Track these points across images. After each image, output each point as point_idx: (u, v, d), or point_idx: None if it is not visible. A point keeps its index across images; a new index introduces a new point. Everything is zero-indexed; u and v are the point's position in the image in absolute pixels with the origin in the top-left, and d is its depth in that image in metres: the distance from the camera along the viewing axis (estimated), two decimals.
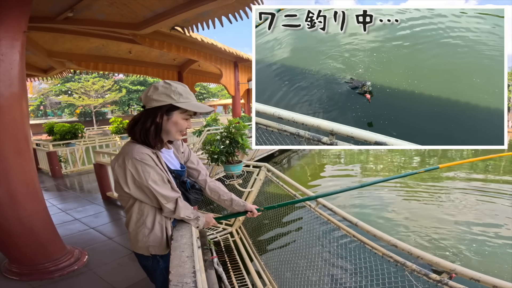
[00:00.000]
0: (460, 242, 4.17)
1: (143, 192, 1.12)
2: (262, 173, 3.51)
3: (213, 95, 40.56)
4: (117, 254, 2.77)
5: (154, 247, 1.20)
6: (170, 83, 1.13)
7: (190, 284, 0.71)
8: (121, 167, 1.10)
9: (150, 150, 1.13)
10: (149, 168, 1.10)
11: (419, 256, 1.45)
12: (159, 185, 1.13)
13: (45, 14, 3.51)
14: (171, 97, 1.12)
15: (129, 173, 1.09)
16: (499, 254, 3.86)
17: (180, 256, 0.88)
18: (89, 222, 3.66)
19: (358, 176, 8.47)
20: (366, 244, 1.79)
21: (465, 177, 7.54)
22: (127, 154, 1.10)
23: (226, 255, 2.99)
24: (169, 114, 1.15)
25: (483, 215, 5.04)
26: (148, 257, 1.23)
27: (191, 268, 0.79)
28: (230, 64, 8.76)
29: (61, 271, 2.38)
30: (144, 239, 1.18)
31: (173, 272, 0.78)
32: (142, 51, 6.91)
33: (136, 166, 1.09)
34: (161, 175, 1.14)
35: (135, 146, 1.12)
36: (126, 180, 1.10)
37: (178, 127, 1.18)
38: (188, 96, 1.16)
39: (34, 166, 2.39)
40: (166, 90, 1.12)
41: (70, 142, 7.60)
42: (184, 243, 1.00)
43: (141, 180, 1.09)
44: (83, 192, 5.40)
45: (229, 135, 3.23)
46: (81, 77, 27.35)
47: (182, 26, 4.08)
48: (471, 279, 1.25)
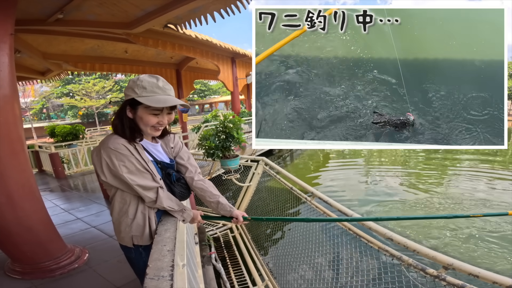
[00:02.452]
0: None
1: (121, 181, 1.12)
2: (260, 167, 3.50)
3: (214, 92, 40.50)
4: (116, 252, 2.78)
5: (137, 237, 1.19)
6: (140, 77, 1.11)
7: (166, 277, 0.70)
8: (98, 156, 1.11)
9: (126, 140, 1.13)
10: (123, 157, 1.10)
11: (415, 250, 1.40)
12: (135, 174, 1.12)
13: (35, 17, 3.50)
14: (134, 91, 1.10)
15: (104, 162, 1.10)
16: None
17: (161, 250, 0.87)
18: (91, 221, 3.70)
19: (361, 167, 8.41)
20: (362, 238, 1.76)
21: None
22: (103, 144, 1.12)
23: (226, 251, 3.00)
24: (134, 108, 1.14)
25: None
26: (131, 248, 1.22)
27: (170, 262, 0.78)
28: (227, 60, 8.72)
29: (62, 269, 2.42)
30: (127, 229, 1.17)
31: (151, 265, 0.77)
32: (138, 50, 6.89)
33: (110, 155, 1.09)
34: (135, 165, 1.13)
35: (112, 137, 1.13)
36: (102, 169, 1.11)
37: (144, 122, 1.15)
38: (154, 90, 1.11)
39: (30, 166, 2.41)
40: (132, 84, 1.11)
41: (72, 143, 7.68)
42: (167, 237, 0.99)
43: (115, 169, 1.09)
44: (86, 192, 5.46)
45: (224, 129, 3.21)
46: (81, 78, 27.47)
47: (175, 23, 4.05)
48: (469, 274, 1.20)
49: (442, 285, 1.27)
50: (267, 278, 2.50)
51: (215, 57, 7.97)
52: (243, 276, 2.56)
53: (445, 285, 1.26)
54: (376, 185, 6.84)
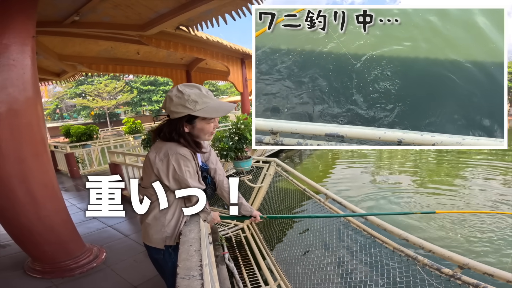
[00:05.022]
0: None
1: (179, 184, 1.18)
2: (272, 168, 3.52)
3: (222, 93, 40.69)
4: (133, 251, 2.86)
5: (169, 238, 1.24)
6: (182, 91, 1.12)
7: (196, 277, 0.74)
8: (163, 161, 1.16)
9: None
10: (188, 162, 1.18)
11: (431, 250, 1.43)
12: (193, 178, 1.20)
13: (52, 19, 3.60)
14: (187, 107, 1.12)
15: (172, 167, 1.15)
16: None
17: (188, 250, 0.91)
18: (107, 220, 3.77)
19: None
20: (377, 238, 1.78)
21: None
22: (170, 149, 1.16)
23: (238, 251, 3.03)
24: (192, 123, 1.18)
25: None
26: (160, 250, 1.27)
27: (198, 262, 0.82)
28: (237, 61, 8.74)
29: (81, 268, 2.46)
30: (162, 230, 1.23)
31: (181, 265, 0.81)
32: (150, 52, 7.00)
33: (179, 161, 1.15)
34: (194, 170, 1.21)
35: (174, 144, 1.18)
36: (168, 173, 1.16)
37: (205, 132, 1.22)
38: (205, 101, 1.14)
39: (52, 167, 2.49)
40: (180, 100, 1.12)
41: (86, 143, 7.83)
42: (192, 237, 1.03)
43: (181, 173, 1.16)
44: None
45: (237, 131, 3.26)
46: (93, 79, 28.02)
47: (187, 25, 4.11)
48: (484, 273, 1.22)
49: (457, 284, 1.29)
50: (279, 278, 2.51)
51: (225, 58, 8.02)
52: (255, 276, 2.58)
53: (460, 284, 1.28)
54: (385, 184, 6.86)
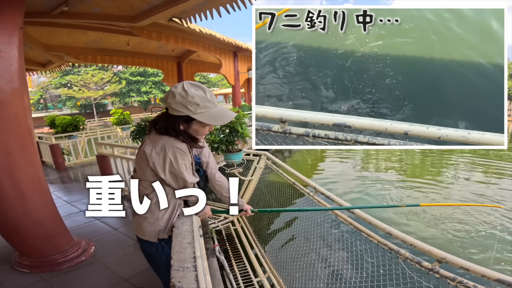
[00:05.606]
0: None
1: (175, 177, 1.20)
2: (262, 162, 3.55)
3: (213, 85, 40.31)
4: (122, 244, 2.84)
5: (162, 231, 1.26)
6: (187, 91, 1.12)
7: (190, 268, 0.77)
8: (160, 155, 1.17)
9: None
10: (185, 156, 1.19)
11: (412, 244, 1.48)
12: (188, 172, 1.22)
13: (40, 9, 3.48)
14: (187, 108, 1.13)
15: (168, 160, 1.16)
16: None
17: (181, 243, 0.93)
18: None
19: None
20: (362, 232, 1.83)
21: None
22: (167, 143, 1.17)
23: (228, 244, 3.07)
24: (188, 123, 1.19)
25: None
26: (153, 243, 1.28)
27: (191, 254, 0.84)
28: (229, 54, 8.69)
29: (70, 262, 2.44)
30: (156, 223, 1.24)
31: (175, 257, 0.83)
32: (140, 43, 6.86)
33: (176, 154, 1.16)
34: (190, 163, 1.23)
35: (171, 138, 1.19)
36: (164, 167, 1.17)
37: (200, 134, 1.25)
38: (207, 105, 1.15)
39: (39, 159, 2.44)
40: (183, 100, 1.12)
41: (72, 134, 7.65)
42: (185, 230, 1.05)
43: (177, 167, 1.17)
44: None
45: (229, 124, 3.25)
46: (80, 69, 27.20)
47: (180, 17, 4.05)
48: (461, 267, 1.27)
49: (436, 277, 1.35)
50: (269, 270, 2.58)
51: (217, 51, 7.95)
52: (245, 268, 2.63)
53: (438, 277, 1.34)
54: (371, 178, 7.10)
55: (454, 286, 1.23)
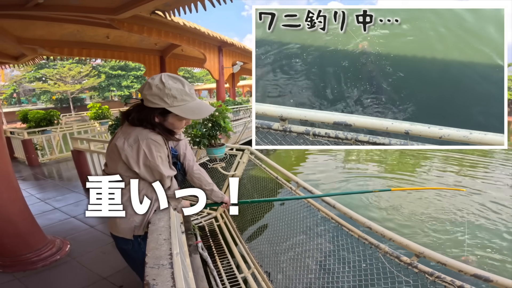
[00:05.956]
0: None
1: (150, 171, 1.14)
2: (246, 156, 3.51)
3: (198, 80, 39.79)
4: (99, 242, 2.75)
5: (138, 227, 1.19)
6: (165, 83, 1.07)
7: (166, 265, 0.73)
8: (133, 147, 1.10)
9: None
10: (160, 148, 1.13)
11: (391, 238, 1.49)
12: (165, 165, 1.16)
13: (13, 1, 3.24)
14: (164, 101, 1.08)
15: (142, 153, 1.10)
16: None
17: (157, 239, 0.89)
18: (70, 211, 3.60)
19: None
20: (343, 226, 1.83)
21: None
22: (141, 134, 1.11)
23: (211, 240, 3.04)
24: (164, 116, 1.14)
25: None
26: (129, 240, 1.22)
27: (167, 251, 0.80)
28: (214, 49, 8.57)
29: (44, 261, 2.37)
30: (130, 219, 1.17)
31: (150, 254, 0.79)
32: (121, 36, 6.59)
33: (150, 146, 1.10)
34: (166, 156, 1.17)
35: (145, 130, 1.13)
36: (138, 160, 1.11)
37: (176, 127, 1.19)
38: (184, 98, 1.10)
39: (7, 153, 2.31)
40: (159, 92, 1.07)
41: (46, 129, 7.33)
42: (161, 226, 1.00)
43: (152, 159, 1.11)
44: (62, 180, 5.27)
45: (211, 118, 3.20)
46: (56, 63, 26.04)
47: (163, 10, 3.88)
48: (438, 262, 1.28)
49: (414, 272, 1.37)
50: (253, 266, 2.56)
51: (202, 45, 7.81)
52: (229, 264, 2.61)
53: (417, 272, 1.35)
54: (352, 170, 7.47)
55: (432, 281, 1.25)
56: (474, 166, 7.74)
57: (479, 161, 8.16)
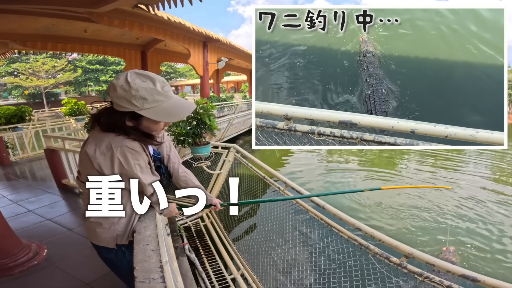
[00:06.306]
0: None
1: (127, 179, 1.03)
2: (231, 155, 3.46)
3: (181, 75, 38.99)
4: (79, 246, 2.61)
5: (120, 236, 1.11)
6: (130, 83, 0.92)
7: (157, 279, 0.67)
8: (106, 155, 0.98)
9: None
10: (138, 155, 1.02)
11: (381, 240, 1.50)
12: (145, 172, 1.06)
13: None
14: (132, 104, 0.93)
15: (117, 161, 0.98)
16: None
17: (145, 250, 0.83)
18: (45, 213, 3.39)
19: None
20: (333, 227, 1.84)
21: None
22: (114, 141, 0.98)
23: (198, 241, 2.97)
24: (137, 119, 1.00)
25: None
26: (112, 249, 1.14)
27: (157, 263, 0.75)
28: (199, 44, 8.39)
29: (21, 266, 2.25)
30: (111, 228, 1.09)
31: (138, 267, 0.73)
32: (100, 30, 6.29)
33: (126, 154, 0.99)
34: (145, 162, 1.06)
35: (120, 137, 1.00)
36: (113, 169, 0.99)
37: (153, 130, 1.07)
38: (156, 99, 0.95)
39: None
40: (125, 94, 0.92)
41: (17, 126, 6.95)
42: (148, 235, 0.94)
43: (130, 168, 1.00)
44: (36, 180, 4.97)
45: (196, 115, 3.10)
46: (29, 57, 24.67)
47: (146, 3, 3.71)
48: (426, 263, 1.30)
49: (404, 272, 1.39)
50: (242, 267, 2.53)
51: (186, 41, 7.61)
52: (218, 266, 2.56)
53: (406, 272, 1.38)
54: (335, 168, 7.72)
55: (421, 281, 1.27)
56: (448, 159, 8.34)
57: (453, 156, 8.66)
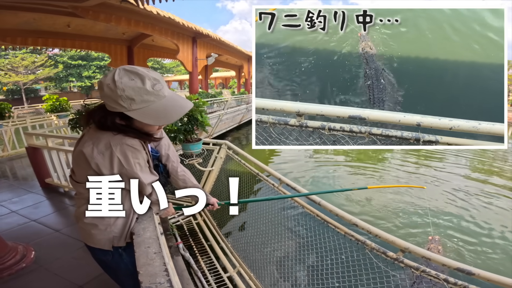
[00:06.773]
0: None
1: (127, 179, 0.99)
2: (223, 151, 3.43)
3: (168, 71, 38.26)
4: (69, 248, 2.53)
5: (117, 238, 1.07)
6: (116, 82, 0.86)
7: (164, 284, 0.65)
8: (105, 154, 0.94)
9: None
10: (138, 154, 0.99)
11: (377, 235, 1.53)
12: (144, 171, 1.03)
13: None
14: (119, 104, 0.88)
15: (117, 160, 0.94)
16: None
17: (147, 253, 0.80)
18: (29, 214, 3.26)
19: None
20: (329, 223, 1.86)
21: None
22: (113, 139, 0.94)
23: (191, 239, 2.94)
24: (128, 119, 0.95)
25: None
26: (108, 251, 1.10)
27: (162, 266, 0.72)
28: (188, 40, 8.23)
29: (9, 269, 2.18)
30: (107, 229, 1.05)
31: (142, 272, 0.70)
32: (84, 25, 6.06)
33: (126, 152, 0.95)
34: (144, 161, 1.03)
35: (119, 135, 0.96)
36: (112, 168, 0.95)
37: (148, 131, 1.02)
38: (145, 99, 0.89)
39: None
40: (111, 93, 0.87)
41: None
42: (148, 237, 0.91)
43: (129, 167, 0.97)
44: (17, 180, 4.76)
45: (187, 112, 3.04)
46: (8, 52, 23.58)
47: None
48: (422, 257, 1.33)
49: (401, 266, 1.42)
50: (238, 265, 2.52)
51: (175, 36, 7.45)
52: (213, 264, 2.54)
53: (403, 266, 1.41)
54: (323, 163, 8.01)
55: (418, 275, 1.30)
56: (429, 157, 8.72)
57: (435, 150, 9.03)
